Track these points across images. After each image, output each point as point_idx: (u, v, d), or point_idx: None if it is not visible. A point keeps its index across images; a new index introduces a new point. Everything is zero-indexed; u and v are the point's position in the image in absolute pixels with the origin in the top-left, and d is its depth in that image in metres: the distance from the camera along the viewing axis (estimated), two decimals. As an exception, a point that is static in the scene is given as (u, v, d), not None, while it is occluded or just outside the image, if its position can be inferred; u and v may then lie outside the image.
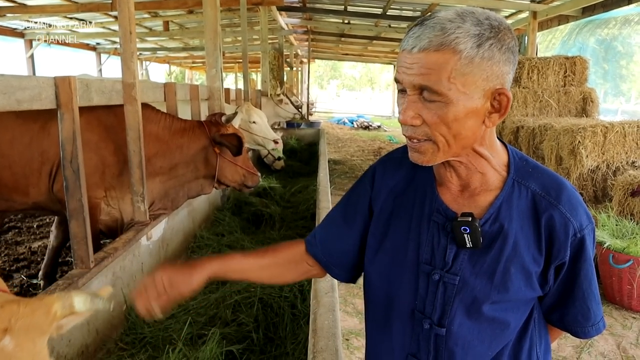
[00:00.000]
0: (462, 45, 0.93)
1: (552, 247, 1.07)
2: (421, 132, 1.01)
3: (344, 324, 3.64)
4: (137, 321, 2.97)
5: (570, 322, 1.16)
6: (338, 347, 1.61)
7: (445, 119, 0.97)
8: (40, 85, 2.33)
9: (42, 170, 3.06)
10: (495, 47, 0.96)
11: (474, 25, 0.94)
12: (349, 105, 37.01)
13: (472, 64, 0.94)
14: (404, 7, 12.03)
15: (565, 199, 1.07)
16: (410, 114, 0.99)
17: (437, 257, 1.11)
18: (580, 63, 7.34)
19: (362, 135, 18.01)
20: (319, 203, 4.12)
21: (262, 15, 10.41)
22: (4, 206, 3.16)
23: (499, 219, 1.08)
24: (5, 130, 2.98)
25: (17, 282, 4.06)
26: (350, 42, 19.71)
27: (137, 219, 3.37)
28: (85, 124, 3.18)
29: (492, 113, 1.02)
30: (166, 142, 3.53)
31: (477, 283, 1.08)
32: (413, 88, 0.98)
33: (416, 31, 0.97)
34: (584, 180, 5.51)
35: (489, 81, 0.97)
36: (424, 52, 0.95)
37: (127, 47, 3.20)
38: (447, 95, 0.95)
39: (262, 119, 5.84)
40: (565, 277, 1.11)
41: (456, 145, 1.02)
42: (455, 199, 1.13)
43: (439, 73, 0.94)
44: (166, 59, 23.74)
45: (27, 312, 0.85)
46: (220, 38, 5.29)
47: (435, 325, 1.12)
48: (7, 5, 9.84)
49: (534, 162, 1.15)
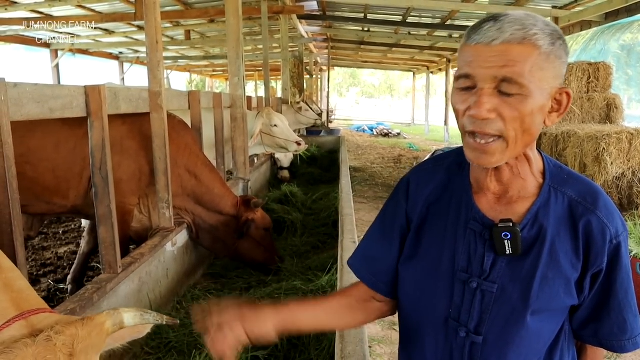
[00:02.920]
0: (541, 41, 0.95)
1: (590, 253, 1.06)
2: (495, 128, 0.98)
3: (368, 331, 3.63)
4: (163, 326, 3.01)
5: (605, 336, 1.12)
6: (365, 352, 1.62)
7: (523, 113, 0.97)
8: (71, 94, 2.40)
9: (83, 175, 3.15)
10: (563, 48, 0.99)
11: (545, 26, 0.97)
12: (369, 113, 37.02)
13: (548, 60, 0.96)
14: (424, 14, 12.02)
15: (602, 204, 1.07)
16: (487, 107, 0.97)
17: (474, 265, 1.11)
18: (604, 69, 7.25)
19: (382, 142, 17.99)
20: (342, 210, 4.13)
21: (283, 24, 10.50)
22: (44, 209, 3.24)
23: (537, 224, 1.08)
24: (51, 135, 3.08)
25: (44, 286, 4.14)
26: (370, 50, 19.72)
27: (162, 225, 3.42)
28: (127, 132, 3.28)
29: (552, 112, 1.03)
30: (200, 179, 3.74)
31: (515, 290, 1.07)
32: (492, 81, 0.97)
33: (493, 25, 0.97)
34: (608, 187, 5.44)
35: (556, 79, 1.00)
36: (507, 44, 0.95)
37: (153, 57, 3.26)
38: (528, 88, 0.95)
39: (283, 122, 5.88)
40: (601, 286, 1.09)
41: (522, 142, 1.01)
42: (492, 207, 1.12)
43: (523, 65, 0.94)
44: (187, 67, 24.02)
45: (85, 335, 0.90)
46: (242, 47, 5.35)
47: (472, 333, 1.11)
48: (34, 16, 10.07)
49: (568, 169, 1.14)
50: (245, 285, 3.72)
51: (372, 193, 8.54)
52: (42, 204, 3.18)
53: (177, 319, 3.08)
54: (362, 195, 8.31)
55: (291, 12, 9.95)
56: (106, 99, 2.59)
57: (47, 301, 3.80)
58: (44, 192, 3.13)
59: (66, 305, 2.29)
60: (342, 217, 3.87)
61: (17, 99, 2.01)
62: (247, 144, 5.42)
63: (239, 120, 5.28)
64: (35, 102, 2.12)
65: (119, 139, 3.21)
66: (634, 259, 3.99)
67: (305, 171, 8.58)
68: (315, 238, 4.90)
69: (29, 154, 3.01)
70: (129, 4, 9.78)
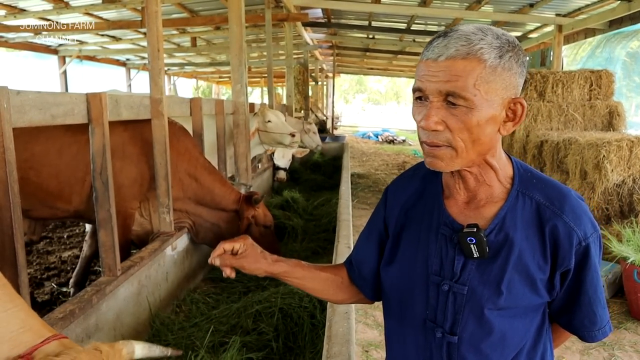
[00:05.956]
0: (486, 55, 1.00)
1: (557, 256, 1.10)
2: (442, 138, 1.05)
3: (363, 335, 3.67)
4: (161, 328, 3.07)
5: (577, 326, 1.20)
6: (351, 353, 1.66)
7: (469, 124, 1.02)
8: (73, 101, 2.46)
9: (85, 180, 3.22)
10: (513, 60, 1.03)
11: (495, 39, 1.02)
12: (375, 119, 37.04)
13: (495, 73, 1.01)
14: (429, 21, 12.08)
15: (569, 208, 1.11)
16: (434, 119, 1.03)
17: (445, 268, 1.16)
18: (606, 77, 7.26)
19: (387, 149, 18.02)
20: (340, 215, 4.17)
21: (287, 31, 10.58)
22: (47, 213, 3.31)
23: (504, 228, 1.12)
24: (54, 141, 3.15)
25: (47, 290, 4.21)
26: (375, 57, 19.81)
27: (162, 230, 3.48)
28: (129, 138, 3.35)
29: (507, 122, 1.08)
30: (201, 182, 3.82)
31: (484, 292, 1.12)
32: (438, 94, 1.03)
33: (440, 42, 1.03)
34: (609, 194, 5.45)
35: (507, 90, 1.04)
36: (451, 60, 1.01)
37: (155, 64, 3.33)
38: (472, 101, 1.01)
39: (278, 116, 5.93)
40: (570, 283, 1.14)
41: (473, 151, 1.07)
42: (462, 211, 1.18)
43: (466, 79, 1.00)
44: (193, 74, 24.19)
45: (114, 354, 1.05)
46: (245, 54, 5.41)
47: (448, 333, 1.16)
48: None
49: (538, 173, 1.19)
50: (244, 290, 3.77)
51: (375, 199, 8.57)
52: (45, 208, 3.24)
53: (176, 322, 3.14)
54: (365, 202, 8.35)
55: (295, 19, 10.03)
56: (107, 106, 2.65)
57: (50, 304, 3.88)
58: (47, 197, 3.19)
59: (65, 307, 2.34)
60: (339, 222, 3.92)
61: (19, 106, 2.07)
62: (249, 149, 5.47)
63: (241, 126, 5.34)
64: (37, 109, 2.18)
65: (120, 145, 3.28)
66: (631, 266, 4.00)
67: (308, 177, 8.63)
68: (315, 244, 4.95)
69: (33, 160, 3.08)
70: (135, 11, 9.90)
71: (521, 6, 9.68)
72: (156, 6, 3.30)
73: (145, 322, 3.10)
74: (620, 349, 3.59)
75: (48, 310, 2.76)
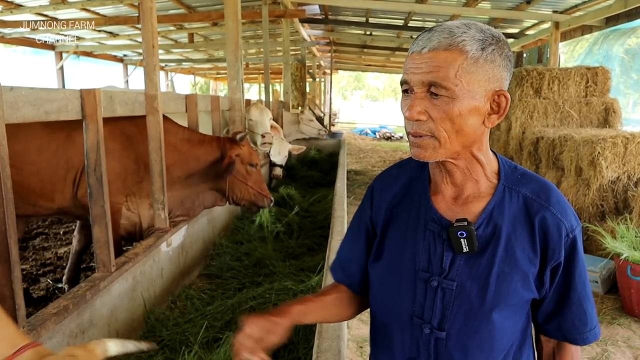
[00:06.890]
0: (468, 47, 1.02)
1: (547, 248, 1.11)
2: (425, 128, 1.07)
3: (359, 331, 3.68)
4: (156, 324, 3.08)
5: (568, 329, 1.18)
6: (341, 348, 1.67)
7: (451, 114, 1.04)
8: (67, 98, 2.46)
9: (67, 177, 3.21)
10: (497, 53, 1.05)
11: (478, 32, 1.04)
12: (373, 116, 37.03)
13: (477, 64, 1.03)
14: (426, 18, 12.08)
15: (555, 200, 1.13)
16: (417, 109, 1.05)
17: (434, 264, 1.16)
18: (602, 73, 7.27)
19: (384, 145, 18.03)
20: (334, 212, 4.19)
21: (284, 28, 10.57)
22: (30, 211, 3.30)
23: (491, 222, 1.13)
24: (33, 139, 3.13)
25: (43, 285, 4.21)
26: (373, 53, 19.79)
27: (157, 226, 3.48)
28: (108, 134, 3.34)
29: (492, 114, 1.09)
30: (184, 152, 3.68)
31: (473, 287, 1.13)
32: (421, 85, 1.05)
33: (425, 36, 1.06)
34: (604, 191, 5.46)
35: (490, 82, 1.06)
36: (434, 51, 1.03)
37: (150, 61, 3.33)
38: (453, 91, 1.02)
39: (262, 115, 5.93)
40: (561, 279, 1.15)
41: (457, 141, 1.08)
42: (449, 207, 1.18)
43: (447, 70, 1.02)
44: (191, 70, 24.16)
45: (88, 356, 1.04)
46: (241, 50, 5.41)
47: (436, 329, 1.16)
48: (40, 19, 10.18)
49: (522, 169, 1.20)
50: (239, 286, 3.78)
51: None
52: (28, 206, 3.23)
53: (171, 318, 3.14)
54: (361, 199, 8.34)
55: (293, 15, 10.02)
56: (101, 102, 2.66)
57: (46, 300, 3.89)
58: (29, 195, 3.17)
59: (59, 302, 2.35)
60: (334, 219, 3.93)
61: (12, 102, 2.07)
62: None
63: (237, 123, 5.35)
64: (30, 105, 2.19)
65: None
66: (625, 262, 4.02)
67: (305, 174, 8.63)
68: (310, 240, 4.96)
69: (14, 157, 3.05)
70: (132, 7, 9.88)
71: (518, 3, 9.69)
72: (151, 2, 3.31)
73: (139, 318, 3.11)
74: (614, 344, 3.61)
75: (43, 306, 2.77)
